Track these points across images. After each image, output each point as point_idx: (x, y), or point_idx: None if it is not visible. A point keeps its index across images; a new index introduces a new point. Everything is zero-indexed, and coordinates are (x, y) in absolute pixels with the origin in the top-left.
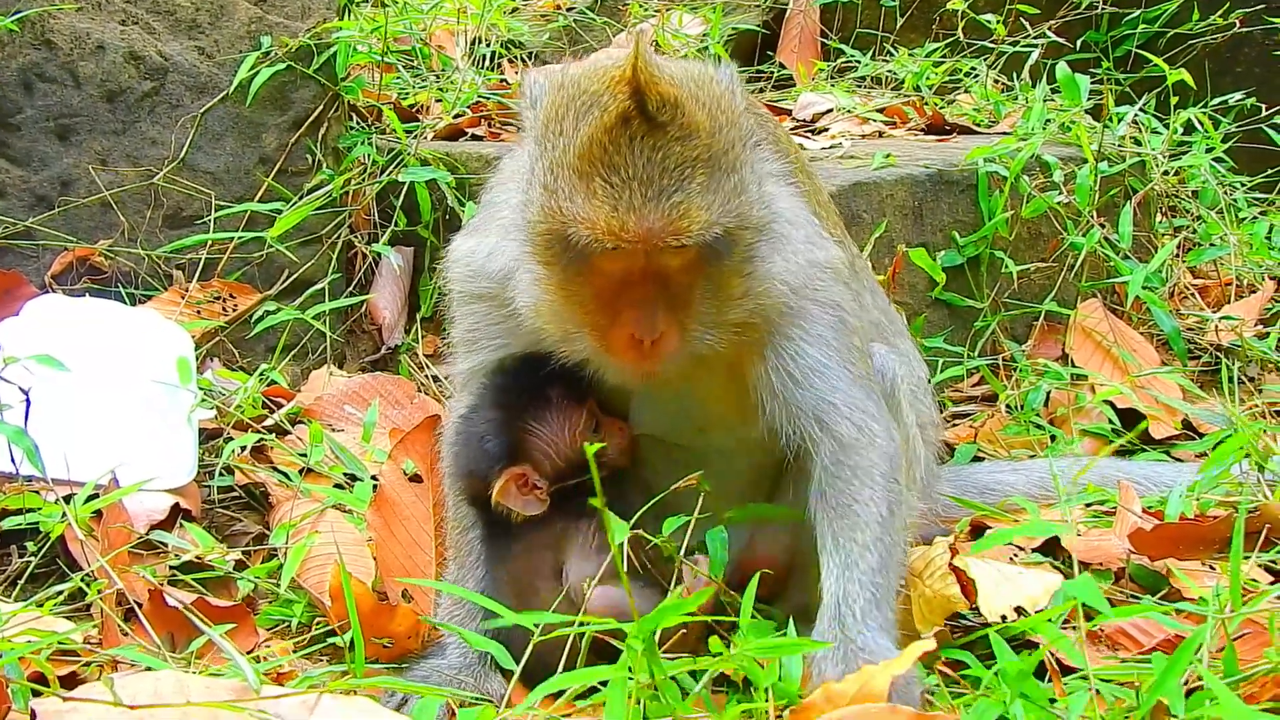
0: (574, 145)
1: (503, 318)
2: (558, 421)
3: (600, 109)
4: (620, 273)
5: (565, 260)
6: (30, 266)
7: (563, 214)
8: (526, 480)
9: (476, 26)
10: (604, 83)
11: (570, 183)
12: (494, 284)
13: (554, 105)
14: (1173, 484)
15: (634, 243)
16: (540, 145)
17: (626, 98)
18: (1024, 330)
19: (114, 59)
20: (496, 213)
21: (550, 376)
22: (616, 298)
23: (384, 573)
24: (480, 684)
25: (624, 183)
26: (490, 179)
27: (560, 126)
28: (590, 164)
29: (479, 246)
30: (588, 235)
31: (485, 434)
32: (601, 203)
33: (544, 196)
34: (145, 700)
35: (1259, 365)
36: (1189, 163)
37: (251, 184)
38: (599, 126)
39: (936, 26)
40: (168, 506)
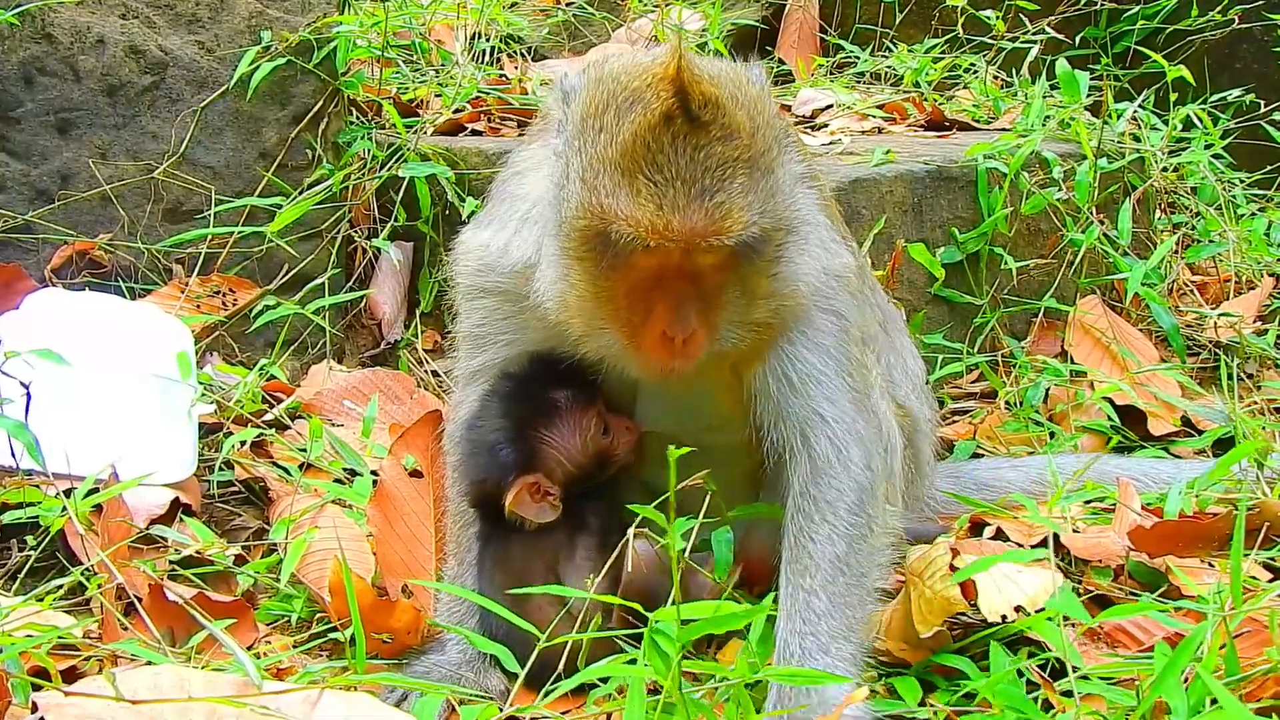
0: (616, 142)
1: (513, 313)
2: (568, 427)
3: (643, 107)
4: (655, 270)
5: (601, 256)
6: (30, 260)
7: (605, 211)
8: (539, 488)
9: (476, 21)
10: (645, 80)
11: (613, 180)
12: (507, 278)
13: (593, 101)
14: (1171, 481)
15: (676, 241)
16: (578, 141)
17: (670, 96)
18: (1023, 327)
19: (114, 53)
20: (514, 205)
21: (558, 380)
22: (649, 294)
23: (384, 568)
24: (480, 680)
25: (667, 181)
26: (502, 171)
27: (600, 123)
28: (634, 161)
29: (492, 239)
30: (630, 233)
31: (496, 443)
32: (645, 201)
33: (584, 193)
34: (146, 695)
35: (1258, 362)
36: (1188, 159)
37: (251, 179)
38: (643, 124)
39: (936, 22)
40: (168, 501)
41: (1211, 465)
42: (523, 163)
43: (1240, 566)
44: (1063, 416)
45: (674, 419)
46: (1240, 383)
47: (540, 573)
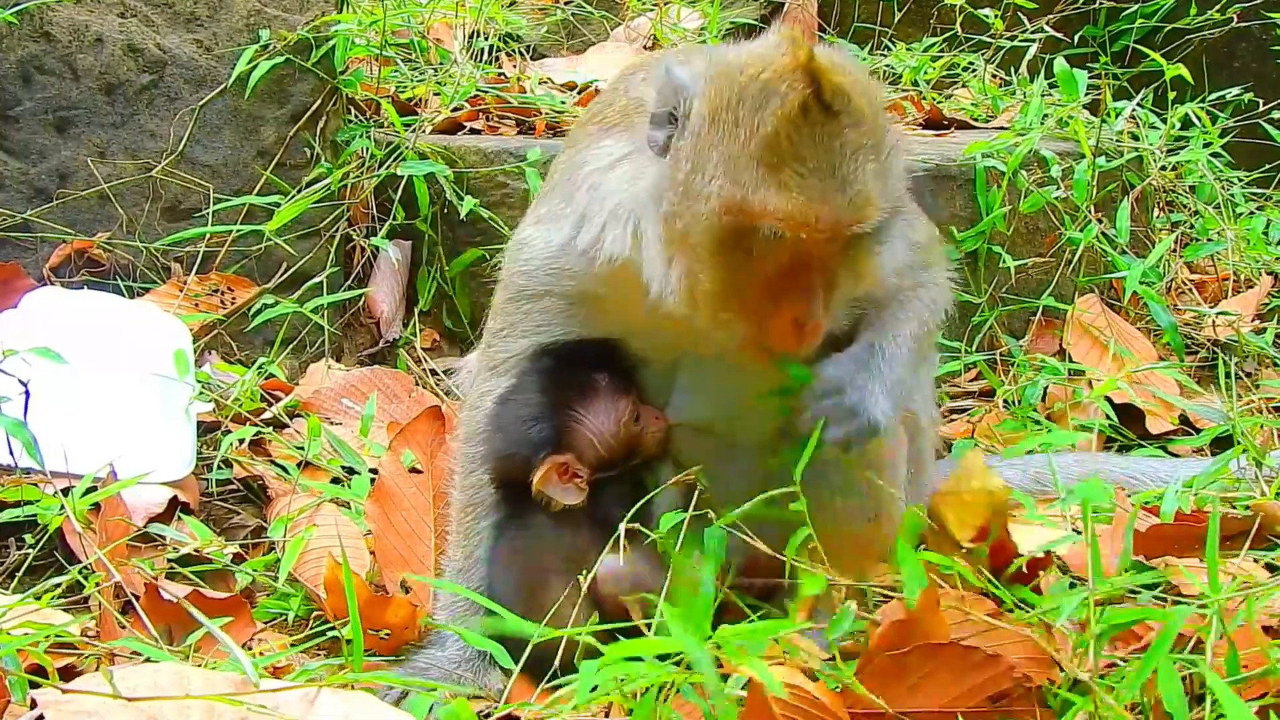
0: (757, 136)
1: (574, 314)
2: (604, 409)
3: (779, 99)
4: (789, 261)
5: (737, 251)
6: (28, 259)
7: (752, 206)
8: (568, 469)
9: (475, 20)
10: (775, 72)
11: (757, 174)
12: (578, 280)
13: (720, 96)
14: (1169, 479)
15: (824, 232)
16: (710, 136)
17: (805, 87)
18: (1021, 325)
19: (112, 51)
20: (598, 202)
21: (597, 363)
22: (779, 284)
23: (383, 564)
24: (479, 678)
25: (811, 173)
26: (565, 167)
27: (735, 116)
28: (777, 155)
29: (568, 239)
30: (781, 226)
31: (529, 417)
32: (795, 194)
33: (726, 188)
34: (144, 693)
35: (1256, 360)
36: (1186, 158)
37: (250, 177)
38: (782, 117)
39: (934, 21)
40: (166, 499)
41: (1209, 464)
42: (599, 158)
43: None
44: (1061, 415)
45: (707, 410)
46: (1238, 381)
47: (559, 562)
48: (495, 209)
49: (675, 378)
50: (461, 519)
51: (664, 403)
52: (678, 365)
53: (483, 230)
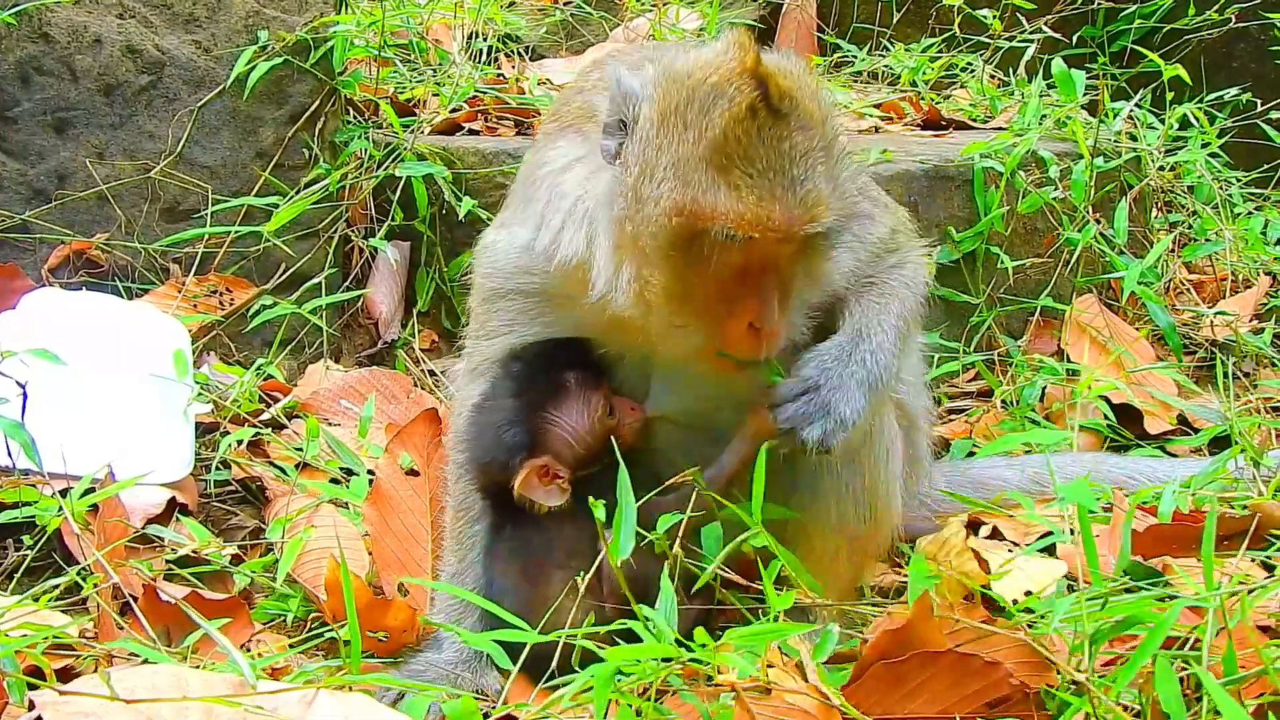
0: (705, 139)
1: (543, 312)
2: (577, 408)
3: (727, 101)
4: (741, 263)
5: (688, 254)
6: (27, 260)
7: (702, 208)
8: (548, 471)
9: (473, 21)
10: (723, 75)
11: (707, 176)
12: (546, 278)
13: (669, 99)
14: (1167, 479)
15: (776, 232)
16: (659, 140)
17: (752, 89)
18: (1019, 325)
19: (111, 52)
20: (554, 204)
21: (565, 362)
22: (733, 288)
23: (380, 566)
24: (477, 679)
25: (760, 174)
26: (526, 170)
27: (682, 120)
28: (726, 157)
29: (533, 239)
30: (732, 228)
31: (503, 423)
32: (745, 194)
33: (677, 191)
34: (142, 694)
35: (1254, 360)
36: (1185, 158)
37: (248, 178)
38: (730, 119)
39: (933, 22)
40: (164, 500)
41: (1207, 464)
42: (555, 159)
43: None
44: (1059, 415)
45: (685, 403)
46: (1236, 381)
47: (559, 561)
48: (494, 210)
49: (651, 370)
50: (454, 523)
51: (642, 395)
52: (651, 359)
53: (481, 231)
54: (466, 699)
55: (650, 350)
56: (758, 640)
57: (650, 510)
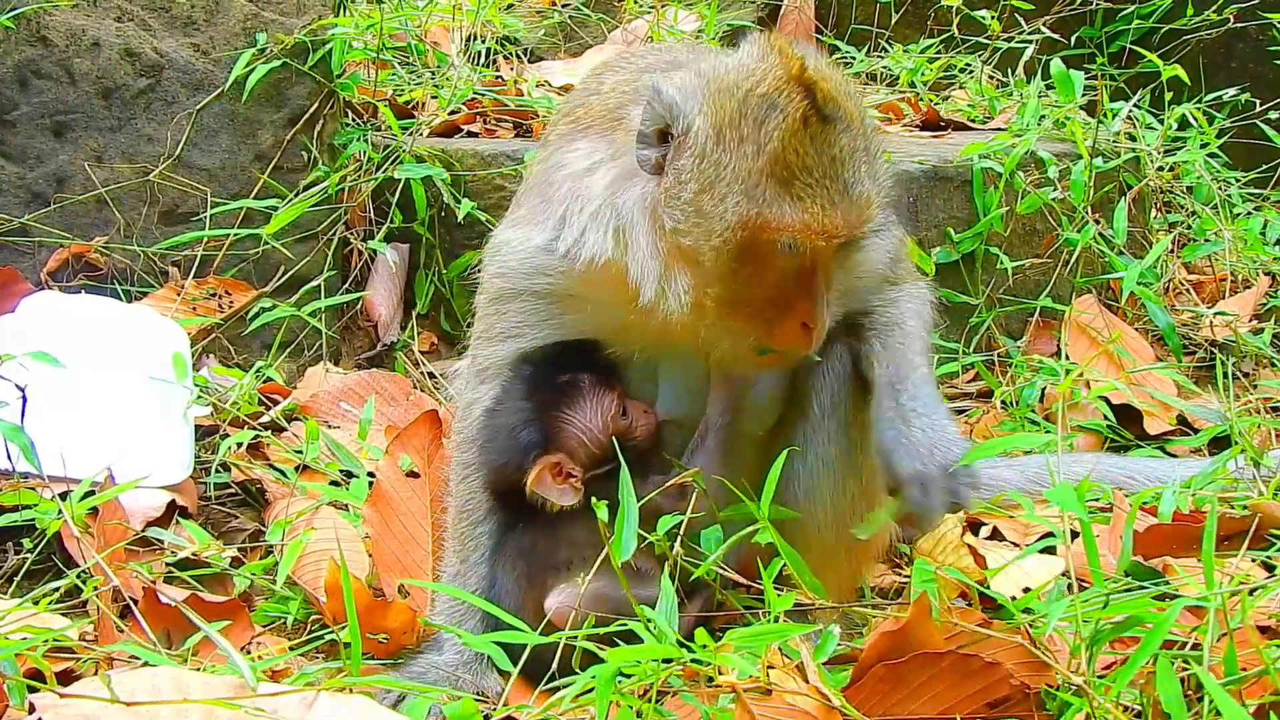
0: (765, 152)
1: (554, 314)
2: (590, 407)
3: (780, 113)
4: (796, 267)
5: (748, 262)
6: (26, 263)
7: (769, 221)
8: (561, 469)
9: (472, 23)
10: (771, 85)
11: (770, 189)
12: (556, 279)
13: (721, 112)
14: (1167, 479)
15: (837, 237)
16: (713, 155)
17: (801, 98)
18: (1019, 326)
19: (110, 56)
20: (577, 204)
21: (579, 364)
22: (788, 290)
23: (380, 568)
24: (478, 681)
25: (819, 183)
26: (543, 170)
27: (738, 134)
28: (786, 169)
29: (548, 240)
30: (797, 238)
31: (518, 424)
32: (808, 205)
33: (741, 206)
34: (142, 697)
35: (1254, 361)
36: (1184, 158)
37: (247, 181)
38: (787, 131)
39: (931, 22)
40: (164, 503)
41: (1207, 464)
42: (575, 162)
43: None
44: (1059, 416)
45: (690, 407)
46: (1236, 381)
47: (564, 558)
48: (493, 212)
49: (657, 373)
50: (457, 524)
51: (649, 399)
52: (658, 363)
53: (480, 233)
54: (467, 701)
55: (660, 352)
56: (758, 641)
57: (653, 511)
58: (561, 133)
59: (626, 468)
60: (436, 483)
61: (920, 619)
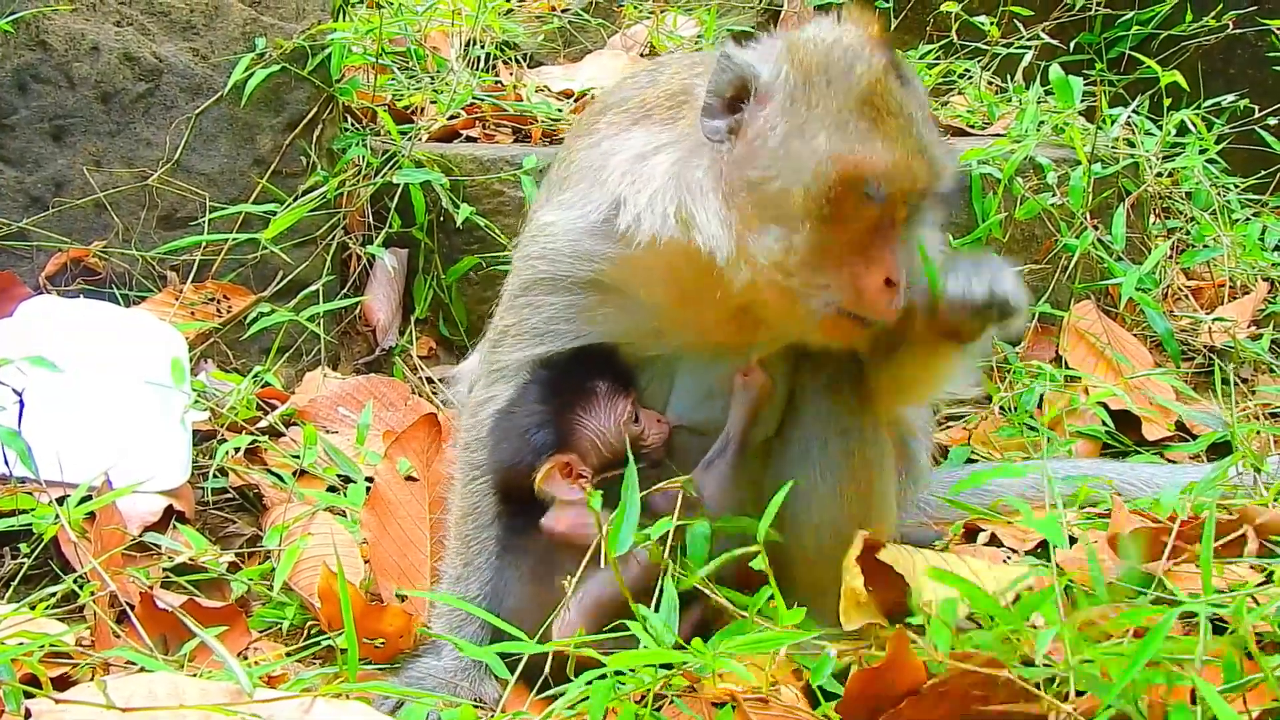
0: (855, 93)
1: (585, 308)
2: (603, 411)
3: (865, 62)
4: (876, 220)
5: (836, 207)
6: (24, 267)
7: (861, 156)
8: (572, 469)
9: (471, 28)
10: (854, 41)
11: (861, 127)
12: (603, 264)
13: (808, 60)
14: (1165, 485)
15: (921, 183)
16: (802, 98)
17: (884, 53)
18: (1017, 332)
19: (109, 60)
20: (640, 185)
21: (595, 369)
22: (870, 245)
23: (378, 572)
24: (475, 687)
25: (905, 129)
26: (591, 157)
27: (826, 77)
28: (876, 110)
29: (601, 219)
30: (886, 178)
31: (531, 426)
32: (897, 146)
33: (834, 140)
34: (139, 702)
35: (1252, 367)
36: (1182, 164)
37: (246, 185)
38: (874, 76)
39: (930, 28)
40: (161, 508)
41: (1207, 470)
42: (631, 147)
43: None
44: (1057, 421)
45: (704, 413)
46: (1235, 387)
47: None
48: (491, 217)
49: (674, 380)
50: (460, 526)
51: (662, 403)
52: (676, 368)
53: (479, 238)
54: (465, 707)
55: (678, 355)
56: (756, 649)
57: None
58: (613, 121)
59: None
60: (434, 487)
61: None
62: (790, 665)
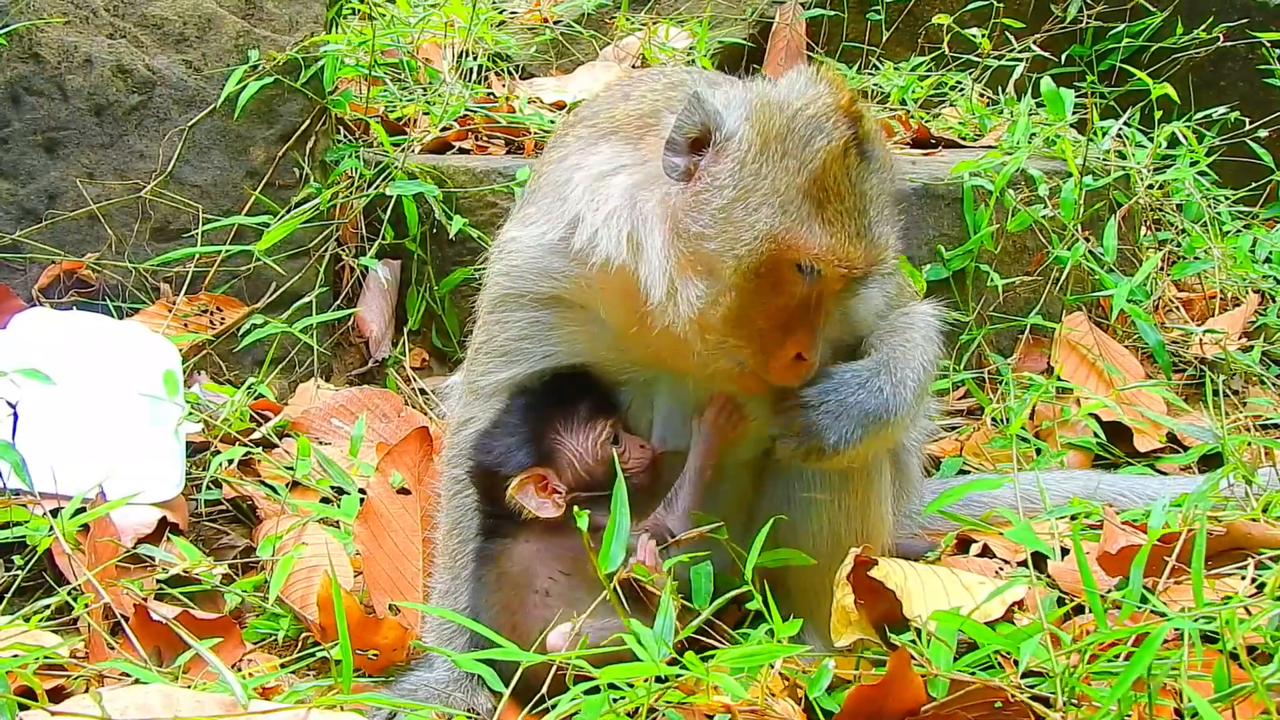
0: (806, 171)
1: (558, 323)
2: (583, 431)
3: (825, 137)
4: (804, 296)
5: (764, 279)
6: (17, 280)
7: (797, 238)
8: (547, 483)
9: (463, 40)
10: (820, 110)
11: (804, 208)
12: (562, 282)
13: (770, 125)
14: (1156, 497)
15: (855, 270)
16: (753, 165)
17: (847, 128)
18: (1009, 344)
19: (102, 72)
20: (597, 205)
21: (578, 393)
22: (792, 318)
23: (371, 584)
24: (469, 699)
25: (849, 213)
26: (558, 171)
27: (782, 149)
28: (824, 191)
29: (561, 238)
30: (819, 261)
31: (511, 446)
32: (836, 231)
33: (774, 218)
34: (133, 714)
35: (1243, 378)
36: (1173, 176)
37: (239, 197)
38: (830, 155)
39: (922, 40)
40: (155, 520)
41: (1198, 481)
42: (596, 164)
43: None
44: (1049, 433)
45: (683, 436)
46: (1225, 399)
47: (543, 579)
48: (484, 228)
49: (653, 401)
50: (447, 541)
51: (643, 426)
52: (655, 393)
53: (472, 250)
54: (459, 718)
55: (656, 376)
56: (751, 662)
57: None
58: (581, 136)
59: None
60: (427, 500)
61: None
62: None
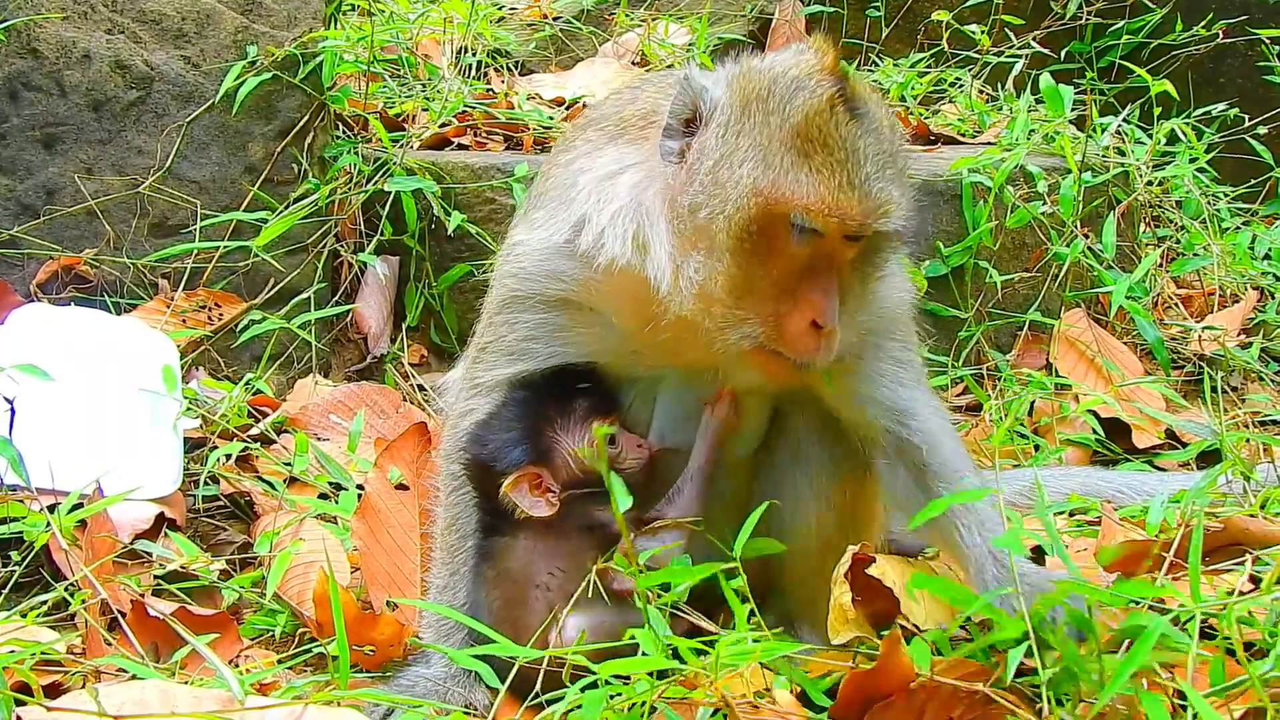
0: (788, 124)
1: (566, 325)
2: (579, 430)
3: (808, 92)
4: (808, 257)
5: (760, 240)
6: (15, 275)
7: (783, 190)
8: (541, 482)
9: (463, 36)
10: (803, 70)
11: (789, 159)
12: (570, 284)
13: (751, 87)
14: (1155, 493)
15: (851, 220)
16: (739, 126)
17: (831, 85)
18: (1008, 340)
19: (100, 68)
20: (603, 205)
21: (576, 391)
22: (799, 283)
23: (369, 580)
24: (467, 695)
25: (839, 164)
26: (564, 174)
27: (764, 107)
28: (808, 141)
29: (567, 240)
30: (809, 213)
31: (507, 443)
32: (825, 180)
33: (757, 172)
34: (130, 710)
35: (1242, 375)
36: (1172, 173)
37: (237, 193)
38: (812, 108)
39: (921, 37)
40: (152, 516)
41: (1197, 478)
42: (602, 166)
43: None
44: (1048, 429)
45: (688, 434)
46: (1224, 395)
47: (542, 575)
48: (483, 224)
49: (655, 404)
50: (445, 536)
51: (644, 425)
52: (657, 390)
53: (470, 246)
54: (456, 715)
55: (660, 376)
56: (747, 656)
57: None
58: (590, 139)
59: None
60: (425, 495)
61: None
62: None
